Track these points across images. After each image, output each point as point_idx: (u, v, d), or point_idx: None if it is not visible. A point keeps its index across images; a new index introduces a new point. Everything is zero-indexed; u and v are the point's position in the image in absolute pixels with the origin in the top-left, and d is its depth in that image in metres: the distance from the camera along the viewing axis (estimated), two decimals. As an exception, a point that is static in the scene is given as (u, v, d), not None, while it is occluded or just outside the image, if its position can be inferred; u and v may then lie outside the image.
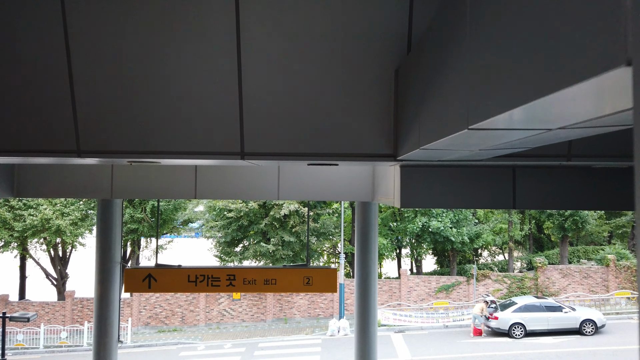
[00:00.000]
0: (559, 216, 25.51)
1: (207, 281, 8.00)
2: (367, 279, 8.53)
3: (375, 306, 8.72)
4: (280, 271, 7.92)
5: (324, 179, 5.79)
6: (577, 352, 17.96)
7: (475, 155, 2.55)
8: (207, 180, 5.74)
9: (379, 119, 2.99)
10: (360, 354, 8.51)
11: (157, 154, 3.02)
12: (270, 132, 3.01)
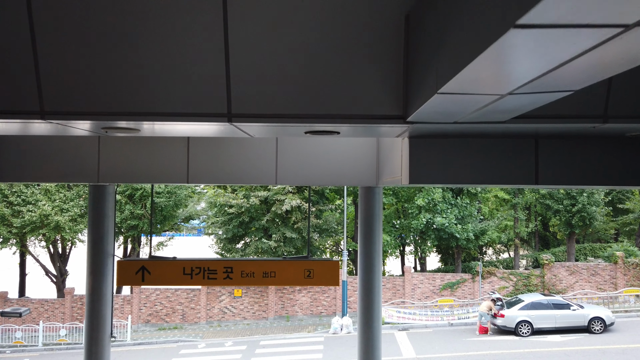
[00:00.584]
0: (565, 212, 25.05)
1: (203, 274, 7.62)
2: (371, 271, 8.14)
3: (379, 299, 8.33)
4: (280, 263, 7.54)
5: (325, 162, 5.41)
6: (585, 351, 17.53)
7: (500, 106, 2.16)
8: (199, 164, 5.37)
9: (386, 74, 2.61)
10: (363, 349, 8.12)
11: (133, 115, 2.64)
12: (261, 90, 2.63)
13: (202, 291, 24.34)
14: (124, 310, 24.17)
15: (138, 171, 5.38)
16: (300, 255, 12.88)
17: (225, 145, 5.37)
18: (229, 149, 5.37)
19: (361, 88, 2.62)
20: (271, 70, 2.61)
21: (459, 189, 24.76)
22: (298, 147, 5.38)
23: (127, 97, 2.63)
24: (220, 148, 5.37)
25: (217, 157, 5.38)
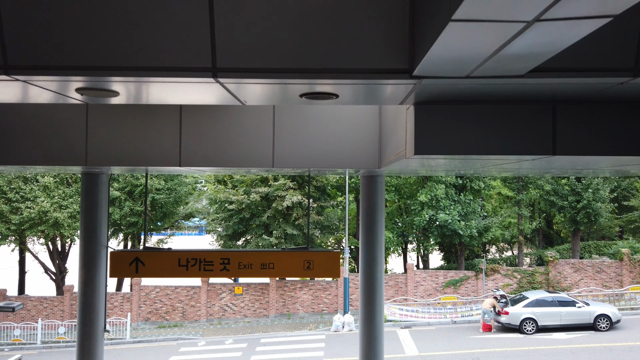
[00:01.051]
0: (570, 209, 24.70)
1: (199, 265, 7.36)
2: (373, 262, 7.87)
3: (381, 291, 8.06)
4: (279, 254, 7.27)
5: (324, 145, 5.13)
6: (592, 348, 17.21)
7: (520, 47, 1.88)
8: (192, 148, 5.10)
9: (390, 19, 2.32)
10: (365, 341, 7.84)
11: (106, 70, 2.37)
12: (250, 40, 2.35)
13: (203, 289, 24.09)
14: (124, 308, 23.93)
15: (127, 155, 5.11)
16: (300, 246, 12.60)
17: (219, 127, 5.10)
18: (224, 131, 5.10)
19: (363, 37, 2.34)
20: (260, 17, 2.33)
21: (461, 184, 24.47)
22: (296, 129, 5.10)
23: (99, 50, 2.35)
24: (214, 130, 5.10)
25: (211, 140, 5.10)
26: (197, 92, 2.76)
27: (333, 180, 22.88)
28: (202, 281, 24.17)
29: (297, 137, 5.11)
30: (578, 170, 6.73)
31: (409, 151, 3.21)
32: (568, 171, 7.46)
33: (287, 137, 5.11)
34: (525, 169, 5.04)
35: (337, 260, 7.26)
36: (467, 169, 4.43)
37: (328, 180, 22.58)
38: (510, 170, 5.17)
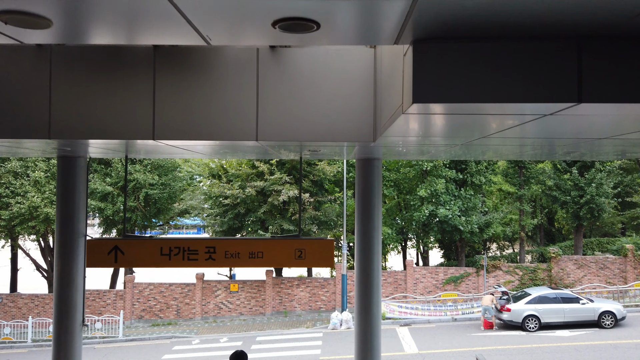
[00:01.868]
0: (573, 204, 24.20)
1: (182, 254, 6.86)
2: (370, 251, 7.38)
3: (378, 283, 7.57)
4: (268, 243, 6.77)
5: (313, 115, 4.62)
6: (597, 346, 16.71)
7: None
8: (167, 119, 4.59)
9: None
10: (361, 338, 7.34)
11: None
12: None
13: (197, 286, 23.59)
14: (117, 306, 23.42)
15: (94, 126, 4.60)
16: (291, 234, 12.09)
17: (197, 96, 4.60)
18: (202, 101, 4.59)
19: None
20: None
21: (462, 179, 23.97)
22: (282, 99, 4.60)
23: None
24: (191, 100, 4.60)
25: (188, 110, 4.60)
26: (151, 23, 2.25)
27: (330, 174, 22.37)
28: (197, 278, 23.67)
29: (284, 108, 4.61)
30: (582, 153, 6.23)
31: (407, 102, 2.70)
32: (570, 154, 6.94)
33: (273, 107, 4.61)
34: (530, 140, 4.54)
35: (331, 248, 6.77)
36: (470, 136, 3.92)
37: (325, 174, 22.07)
38: (514, 143, 4.66)
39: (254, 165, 21.63)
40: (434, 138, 4.31)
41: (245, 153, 7.08)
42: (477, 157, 7.47)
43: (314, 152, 6.12)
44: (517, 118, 3.01)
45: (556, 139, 4.22)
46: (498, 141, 4.39)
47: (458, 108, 2.71)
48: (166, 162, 24.38)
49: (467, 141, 4.36)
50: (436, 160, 23.09)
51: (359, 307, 7.34)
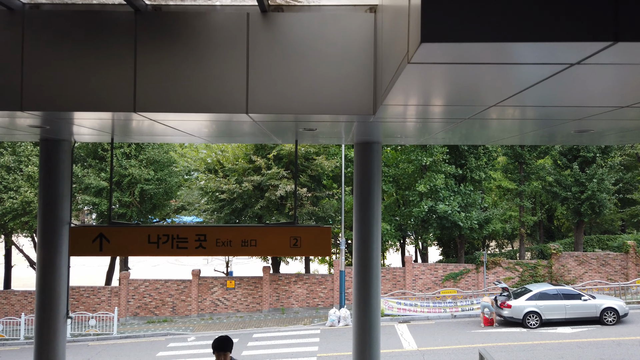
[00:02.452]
0: (574, 200, 23.89)
1: (171, 242, 6.51)
2: (368, 239, 7.04)
3: (377, 274, 7.23)
4: (262, 230, 6.42)
5: (309, 86, 4.27)
6: (599, 343, 16.41)
7: None
8: (150, 90, 4.24)
9: None
10: (359, 329, 7.00)
11: None
12: None
13: (194, 282, 23.24)
14: (111, 303, 23.06)
15: (71, 97, 4.25)
16: (286, 221, 11.76)
17: (182, 65, 4.25)
18: (187, 70, 4.24)
19: None
20: None
21: (462, 175, 23.65)
22: (275, 67, 4.25)
23: None
24: (176, 69, 4.25)
25: (172, 80, 4.25)
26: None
27: (328, 169, 22.02)
28: (193, 274, 23.32)
29: (276, 78, 4.26)
30: (595, 133, 5.89)
31: (413, 45, 2.36)
32: (582, 136, 6.60)
33: (264, 77, 4.26)
34: (543, 110, 4.20)
35: (328, 236, 6.42)
36: (481, 101, 3.58)
37: (323, 169, 21.72)
38: (527, 114, 4.32)
39: (251, 160, 21.28)
40: (438, 108, 3.96)
41: (242, 136, 6.71)
42: (481, 139, 7.13)
43: (310, 132, 5.77)
44: (536, 69, 2.66)
45: (574, 109, 3.87)
46: (509, 112, 4.04)
47: (472, 53, 2.35)
48: (162, 157, 24.01)
49: (477, 111, 4.02)
50: (436, 155, 22.78)
51: (358, 298, 7.00)
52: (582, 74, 2.68)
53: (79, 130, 6.02)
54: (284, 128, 5.46)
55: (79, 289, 23.24)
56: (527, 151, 24.94)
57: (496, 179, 25.75)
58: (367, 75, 4.30)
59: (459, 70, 2.65)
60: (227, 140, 7.27)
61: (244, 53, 4.25)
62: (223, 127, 5.40)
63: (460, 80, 2.90)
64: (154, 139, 6.85)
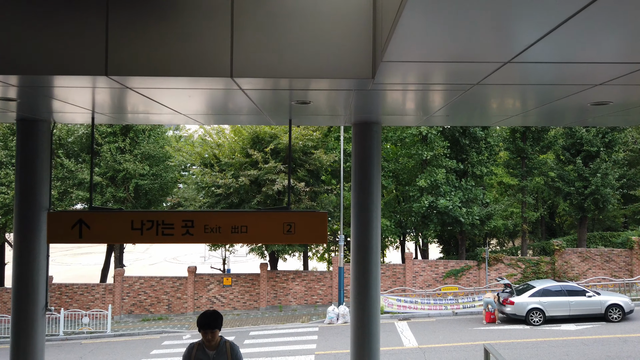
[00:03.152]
0: (577, 195, 23.46)
1: (156, 228, 6.06)
2: (367, 227, 6.63)
3: (377, 263, 6.81)
4: (253, 216, 5.98)
5: (300, 47, 3.84)
6: (605, 340, 15.99)
7: None
8: (124, 51, 3.82)
9: None
10: (357, 323, 6.59)
11: None
12: None
13: (189, 279, 22.80)
14: (105, 300, 22.62)
15: (37, 60, 3.81)
16: (279, 206, 11.29)
17: (157, 22, 3.81)
18: (165, 29, 3.81)
19: None
20: None
21: (463, 170, 23.22)
22: (262, 25, 3.82)
23: None
24: (153, 28, 3.81)
25: (148, 41, 3.81)
26: None
27: (327, 163, 21.57)
28: (189, 271, 22.88)
29: (264, 37, 3.83)
30: (610, 110, 5.47)
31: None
32: (596, 113, 6.18)
33: (250, 36, 3.83)
34: (557, 74, 3.77)
35: (324, 221, 5.99)
36: (492, 55, 3.14)
37: (322, 163, 21.28)
38: (539, 78, 3.89)
39: (248, 154, 20.85)
40: (443, 68, 3.53)
41: (233, 115, 6.26)
42: (483, 119, 6.70)
43: (304, 108, 5.33)
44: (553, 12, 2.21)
45: (591, 67, 3.43)
46: (522, 73, 3.61)
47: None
48: (157, 151, 23.58)
49: (488, 72, 3.58)
50: (436, 150, 22.35)
51: (355, 288, 6.58)
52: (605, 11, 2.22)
53: (57, 106, 5.59)
54: (274, 101, 5.03)
55: (72, 286, 22.80)
56: (529, 145, 24.52)
57: (498, 174, 25.34)
58: (366, 32, 3.86)
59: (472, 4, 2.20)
60: (217, 120, 6.81)
61: (228, 9, 3.81)
62: (208, 99, 4.96)
63: (471, 24, 2.46)
64: (137, 118, 6.42)
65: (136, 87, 4.30)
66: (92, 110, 5.92)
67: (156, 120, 6.74)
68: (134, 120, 6.76)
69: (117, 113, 6.00)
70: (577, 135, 23.22)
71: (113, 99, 5.02)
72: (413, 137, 22.97)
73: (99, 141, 22.31)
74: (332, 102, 5.09)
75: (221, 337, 5.15)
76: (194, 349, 5.16)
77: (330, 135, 23.76)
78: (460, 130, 22.99)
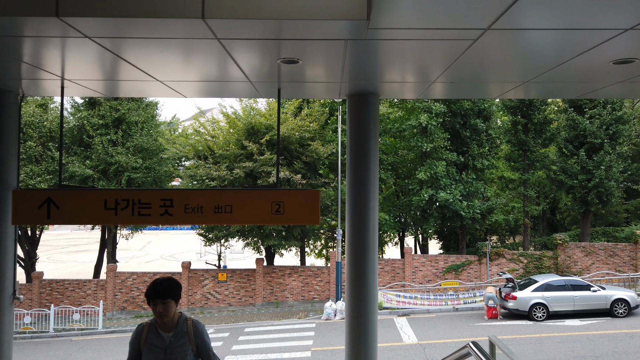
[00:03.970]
0: (580, 188, 22.92)
1: (131, 208, 5.52)
2: (364, 209, 6.09)
3: (374, 247, 6.28)
4: (239, 194, 5.43)
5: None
6: (610, 335, 15.47)
7: None
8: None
9: None
10: (352, 314, 6.06)
11: None
12: None
13: (184, 275, 22.24)
14: (97, 297, 22.06)
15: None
16: (267, 184, 10.76)
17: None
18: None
19: None
20: None
21: (463, 163, 22.69)
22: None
23: None
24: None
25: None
26: None
27: (324, 155, 21.01)
28: (183, 267, 22.33)
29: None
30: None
31: None
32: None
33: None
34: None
35: (316, 201, 5.45)
36: None
37: (319, 155, 20.72)
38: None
39: (243, 146, 20.29)
40: (448, 5, 2.98)
41: (219, 81, 5.69)
42: (484, 92, 6.16)
43: (293, 70, 4.78)
44: None
45: None
46: (542, 8, 3.06)
47: None
48: (150, 144, 23.02)
49: (501, 10, 3.03)
50: (436, 141, 21.81)
51: (351, 274, 6.05)
52: None
53: (24, 71, 5.05)
54: (258, 60, 4.47)
55: (63, 282, 22.24)
56: (531, 138, 23.98)
57: (499, 167, 24.81)
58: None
59: None
60: (199, 90, 6.21)
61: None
62: (182, 56, 4.40)
63: None
64: (111, 88, 5.85)
65: (95, 35, 3.75)
66: (62, 78, 5.36)
67: (133, 91, 6.18)
68: (108, 91, 6.20)
69: (87, 79, 5.44)
70: (580, 127, 22.69)
71: (78, 57, 4.47)
72: (412, 128, 22.42)
73: (90, 133, 21.74)
74: (324, 61, 4.54)
75: (180, 315, 3.94)
76: (143, 330, 3.94)
77: (328, 127, 23.21)
78: (461, 122, 22.46)
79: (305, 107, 21.98)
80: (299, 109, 21.87)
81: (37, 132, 21.99)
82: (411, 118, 22.16)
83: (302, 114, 20.98)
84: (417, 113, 22.12)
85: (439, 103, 21.76)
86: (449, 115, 22.58)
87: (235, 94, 6.52)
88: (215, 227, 21.17)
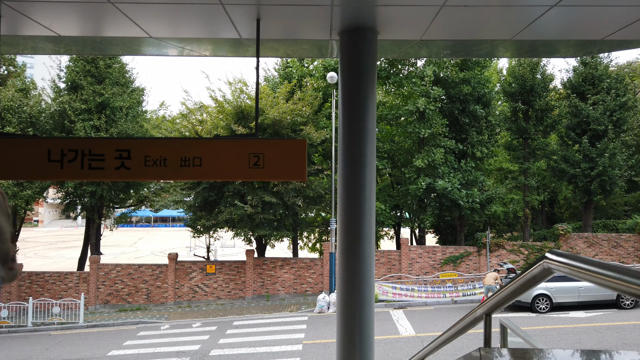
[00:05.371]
0: (583, 177, 22.13)
1: (81, 160, 4.61)
2: (360, 176, 5.17)
3: (371, 222, 5.35)
4: (210, 145, 4.53)
5: None
6: (618, 327, 14.67)
7: None
8: None
9: None
10: (345, 303, 5.15)
11: None
12: None
13: (170, 267, 21.27)
14: (80, 289, 21.05)
15: None
16: (245, 134, 9.89)
17: None
18: None
19: None
20: None
21: (462, 151, 21.85)
22: None
23: None
24: None
25: None
26: None
27: (317, 140, 20.10)
28: (170, 259, 21.37)
29: None
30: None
31: None
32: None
33: None
34: None
35: (302, 152, 4.56)
36: None
37: (312, 140, 19.81)
38: None
39: (232, 130, 19.33)
40: None
41: (196, 20, 4.76)
42: (483, 51, 5.27)
43: (276, 19, 3.86)
44: None
45: None
46: None
47: None
48: (136, 130, 22.03)
49: None
50: (435, 127, 20.95)
51: (343, 254, 5.13)
52: None
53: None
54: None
55: (44, 274, 21.22)
56: (532, 125, 23.16)
57: (498, 155, 23.97)
58: None
59: None
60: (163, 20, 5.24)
61: None
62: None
63: None
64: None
65: None
66: None
67: (112, 51, 5.21)
68: (76, 50, 5.22)
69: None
70: (583, 113, 21.89)
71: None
72: (410, 114, 21.55)
73: (72, 118, 20.73)
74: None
75: None
76: None
77: (321, 113, 22.31)
78: (460, 107, 21.61)
79: (298, 91, 21.07)
80: (291, 93, 20.95)
81: (17, 118, 20.95)
82: (408, 103, 21.30)
83: (295, 98, 20.06)
84: (414, 98, 21.26)
85: (437, 87, 20.91)
86: (447, 101, 21.74)
87: (209, 32, 5.55)
88: (203, 215, 20.19)
